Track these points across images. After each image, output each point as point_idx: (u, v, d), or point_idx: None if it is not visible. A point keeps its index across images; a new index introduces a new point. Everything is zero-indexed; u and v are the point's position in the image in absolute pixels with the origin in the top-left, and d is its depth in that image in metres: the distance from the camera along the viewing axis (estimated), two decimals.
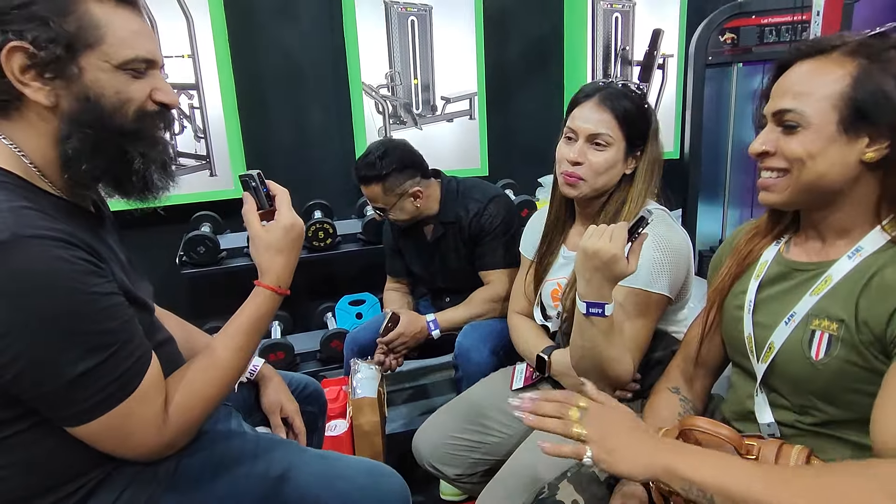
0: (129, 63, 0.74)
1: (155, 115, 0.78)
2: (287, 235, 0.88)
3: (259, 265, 0.89)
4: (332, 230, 2.17)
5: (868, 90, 0.71)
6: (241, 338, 0.85)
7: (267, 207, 0.91)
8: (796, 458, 0.70)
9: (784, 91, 0.77)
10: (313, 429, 1.28)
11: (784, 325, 0.80)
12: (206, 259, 2.06)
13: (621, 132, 1.12)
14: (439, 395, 2.25)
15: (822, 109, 0.73)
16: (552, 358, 1.21)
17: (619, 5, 2.68)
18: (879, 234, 0.75)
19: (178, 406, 0.78)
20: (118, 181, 0.78)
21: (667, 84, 2.82)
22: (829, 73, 0.74)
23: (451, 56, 2.51)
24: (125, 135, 0.75)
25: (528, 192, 2.61)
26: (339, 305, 2.42)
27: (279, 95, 2.45)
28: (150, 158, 0.78)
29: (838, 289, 0.76)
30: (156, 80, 0.78)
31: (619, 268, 0.89)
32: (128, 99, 0.74)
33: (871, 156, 0.73)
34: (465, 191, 1.68)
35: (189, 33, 2.17)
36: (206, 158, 2.28)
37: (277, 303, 0.89)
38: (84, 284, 0.68)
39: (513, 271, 1.53)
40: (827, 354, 0.74)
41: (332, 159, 2.57)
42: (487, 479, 1.16)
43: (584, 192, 1.15)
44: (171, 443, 0.79)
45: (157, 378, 0.77)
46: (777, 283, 0.85)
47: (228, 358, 0.84)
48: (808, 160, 0.74)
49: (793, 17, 2.25)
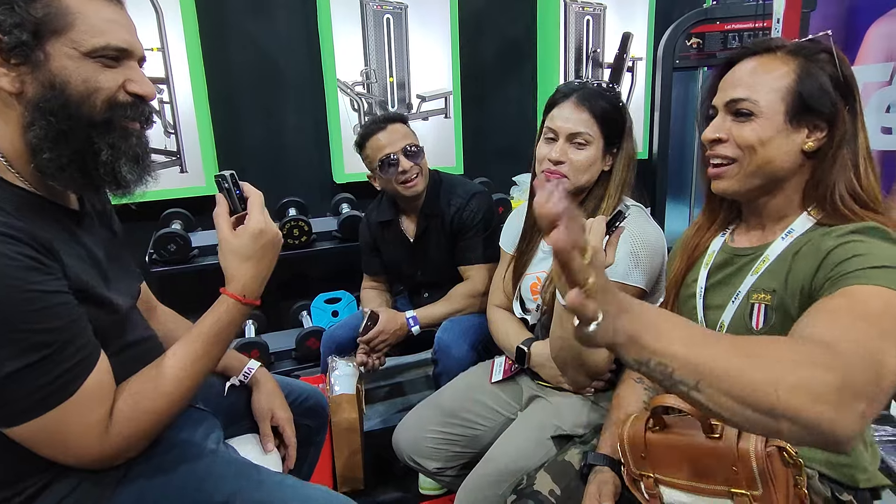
0: (98, 51, 0.71)
1: (128, 107, 0.75)
2: (256, 242, 0.84)
3: (225, 272, 0.85)
4: (308, 228, 2.15)
5: (811, 85, 0.79)
6: (198, 347, 0.81)
7: (240, 210, 0.87)
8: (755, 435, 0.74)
9: (735, 83, 0.83)
10: (310, 443, 1.22)
11: (731, 305, 0.87)
12: (177, 257, 2.02)
13: (599, 130, 1.16)
14: (416, 392, 2.25)
15: (773, 100, 0.80)
16: (532, 349, 1.23)
17: (591, 8, 2.75)
18: (807, 218, 0.83)
19: (122, 416, 0.74)
20: (85, 172, 0.75)
21: (636, 86, 2.91)
22: (776, 69, 0.81)
23: (426, 55, 2.52)
24: (94, 125, 0.73)
25: (502, 190, 2.64)
26: (315, 303, 2.40)
27: (253, 91, 2.42)
28: (121, 151, 0.75)
29: (773, 266, 0.83)
30: (131, 70, 0.75)
31: (598, 260, 0.92)
32: (96, 88, 0.72)
33: (811, 145, 0.80)
34: (448, 186, 1.69)
35: (159, 26, 2.12)
36: (176, 154, 2.23)
37: (243, 313, 0.85)
38: (22, 281, 0.65)
39: (492, 266, 1.55)
40: (765, 324, 0.81)
41: (307, 156, 2.55)
42: (467, 472, 1.18)
43: (567, 189, 1.18)
44: (115, 453, 0.75)
45: (103, 383, 0.73)
46: (723, 268, 0.92)
47: (182, 369, 0.79)
48: (758, 147, 0.81)
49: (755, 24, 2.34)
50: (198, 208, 2.27)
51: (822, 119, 0.80)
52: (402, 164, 1.56)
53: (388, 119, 1.58)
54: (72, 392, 0.69)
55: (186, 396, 0.81)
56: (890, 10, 1.91)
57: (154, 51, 2.14)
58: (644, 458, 0.83)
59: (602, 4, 2.76)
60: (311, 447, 1.24)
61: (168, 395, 0.78)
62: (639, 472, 0.84)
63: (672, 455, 0.80)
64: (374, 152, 1.58)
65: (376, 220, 1.76)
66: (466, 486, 1.13)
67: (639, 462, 0.84)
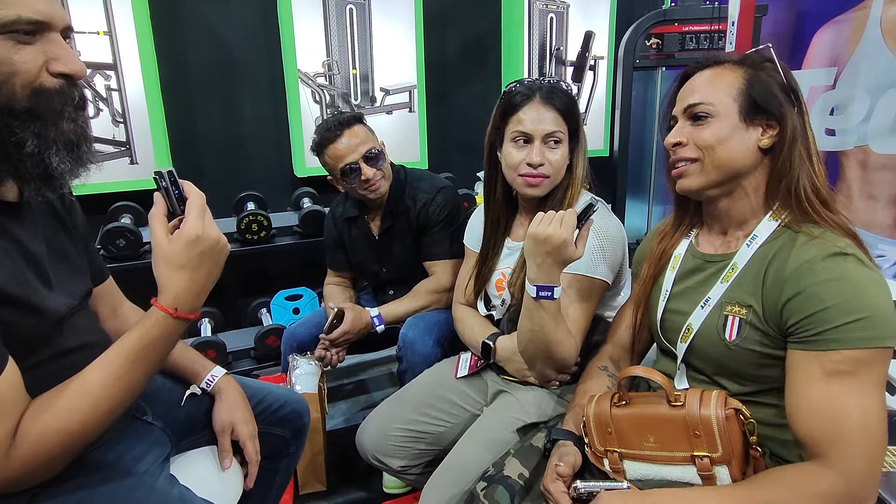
0: (7, 26, 0.62)
1: (54, 92, 0.66)
2: (191, 249, 0.74)
3: (157, 280, 0.75)
4: (267, 222, 2.09)
5: (758, 87, 0.87)
6: (120, 364, 0.72)
7: (179, 212, 0.77)
8: (715, 402, 0.80)
9: (691, 92, 0.91)
10: (282, 455, 1.13)
11: (700, 309, 0.91)
12: (126, 253, 1.92)
13: (567, 126, 1.16)
14: (380, 390, 2.22)
15: (726, 102, 0.87)
16: (497, 344, 1.23)
17: (554, 6, 2.77)
18: (770, 222, 0.87)
19: (29, 436, 0.66)
20: (12, 166, 0.67)
21: (598, 85, 2.95)
22: (726, 76, 0.89)
23: (390, 48, 2.48)
24: (14, 114, 0.64)
25: (466, 185, 2.64)
26: (275, 301, 2.34)
27: (208, 79, 2.32)
28: (49, 140, 0.67)
29: (744, 276, 0.87)
30: (52, 46, 0.66)
31: (569, 252, 0.93)
32: (12, 72, 0.63)
33: (766, 142, 0.87)
34: (414, 181, 1.67)
35: (105, 7, 2.00)
36: (125, 145, 2.12)
37: (176, 327, 0.75)
38: None
39: (457, 262, 1.54)
40: (738, 336, 0.85)
41: (267, 149, 2.48)
42: (431, 469, 1.16)
43: (547, 189, 1.18)
44: (16, 477, 0.66)
45: (6, 398, 0.64)
46: (693, 274, 0.96)
47: (102, 388, 0.70)
48: (717, 145, 0.87)
49: (710, 27, 2.42)
50: (149, 202, 2.15)
51: (773, 118, 0.86)
52: (364, 172, 1.53)
53: (343, 123, 1.53)
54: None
55: (105, 419, 0.72)
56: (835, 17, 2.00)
57: (101, 34, 2.02)
58: (610, 433, 0.86)
59: (565, 3, 2.79)
60: (284, 459, 1.14)
61: (82, 415, 0.69)
62: (604, 449, 0.87)
63: (637, 427, 0.84)
64: (335, 161, 1.54)
65: (342, 216, 1.72)
66: (432, 484, 1.12)
67: (604, 438, 0.87)
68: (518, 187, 1.20)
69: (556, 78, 1.20)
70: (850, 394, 0.74)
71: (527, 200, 1.25)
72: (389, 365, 2.36)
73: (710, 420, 0.78)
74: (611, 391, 0.91)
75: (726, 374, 0.89)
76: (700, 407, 0.79)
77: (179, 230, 0.75)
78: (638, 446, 0.85)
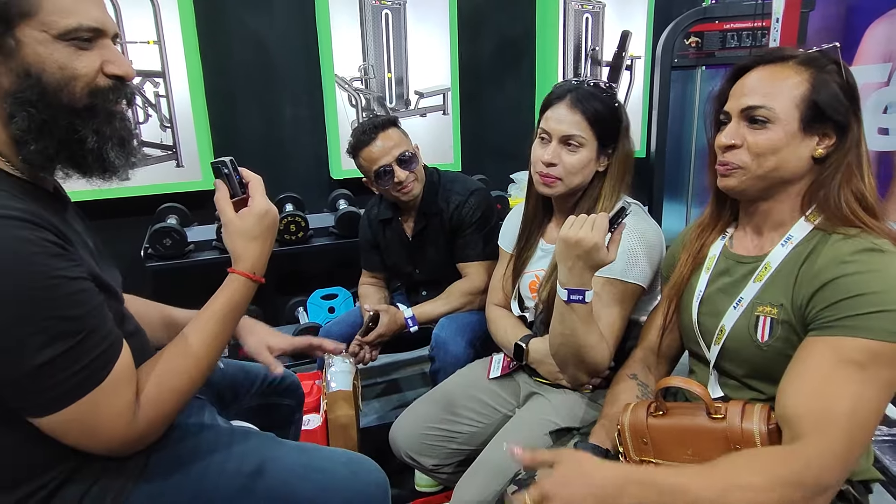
0: (70, 33, 0.68)
1: (109, 91, 0.73)
2: (261, 222, 0.86)
3: (233, 252, 0.86)
4: (304, 223, 2.15)
5: (824, 93, 0.82)
6: (214, 326, 0.82)
7: (240, 195, 0.88)
8: (758, 415, 0.77)
9: (751, 90, 0.85)
10: (290, 421, 1.25)
11: (732, 310, 0.88)
12: (172, 252, 2.00)
13: (593, 132, 1.14)
14: (412, 389, 2.25)
15: (788, 108, 0.82)
16: (530, 346, 1.23)
17: (590, 6, 2.75)
18: (805, 224, 0.85)
19: (148, 398, 0.75)
20: (74, 161, 0.74)
21: (634, 85, 2.91)
22: (789, 78, 0.83)
23: (424, 51, 2.51)
24: (76, 112, 0.71)
25: (499, 187, 2.64)
26: (311, 300, 2.40)
27: (250, 85, 2.40)
28: (106, 136, 0.73)
29: (777, 276, 0.84)
30: (106, 51, 0.72)
31: (600, 256, 0.92)
32: (74, 75, 0.69)
33: (821, 152, 0.83)
34: (447, 183, 1.68)
35: (155, 18, 2.10)
36: (172, 149, 2.22)
37: (252, 290, 0.87)
38: (48, 267, 0.65)
39: (491, 264, 1.55)
40: (770, 336, 0.83)
41: (304, 152, 2.54)
42: (463, 469, 1.17)
43: (560, 191, 1.18)
44: (141, 436, 0.75)
45: (128, 368, 0.74)
46: (725, 275, 0.93)
47: (201, 347, 0.81)
48: (770, 154, 0.83)
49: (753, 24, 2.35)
50: (194, 203, 2.25)
51: (832, 126, 0.82)
52: (397, 174, 1.56)
53: (378, 126, 1.56)
54: (101, 378, 0.70)
55: (205, 375, 0.82)
56: (889, 10, 1.91)
57: (150, 44, 2.12)
58: (646, 443, 0.85)
59: (601, 2, 2.76)
60: (292, 426, 1.26)
61: (190, 374, 0.79)
62: (640, 459, 0.86)
63: (674, 439, 0.82)
64: (369, 164, 1.58)
65: (377, 218, 1.76)
66: (463, 484, 1.13)
67: (640, 448, 0.85)
68: (535, 184, 1.21)
69: (606, 83, 1.18)
70: (851, 383, 0.71)
71: (560, 203, 1.25)
72: (422, 365, 2.38)
73: (752, 434, 0.76)
74: (647, 400, 0.89)
75: (759, 376, 0.87)
76: (742, 420, 0.77)
77: (249, 207, 0.86)
78: (675, 458, 0.82)
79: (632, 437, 0.86)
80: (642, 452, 0.85)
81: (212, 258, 2.07)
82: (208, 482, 0.83)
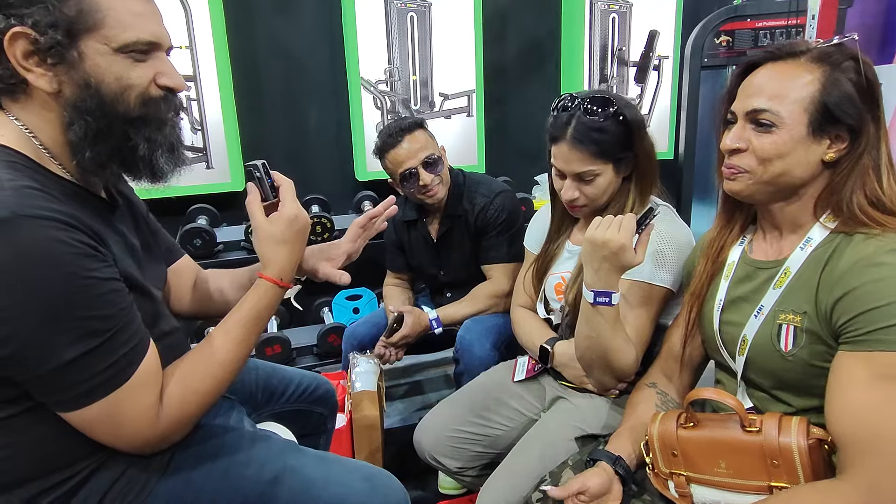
0: (129, 46, 0.72)
1: (160, 100, 0.76)
2: (291, 227, 0.86)
3: (261, 257, 0.87)
4: (330, 224, 2.17)
5: (837, 95, 0.76)
6: (240, 330, 0.83)
7: (271, 198, 0.89)
8: (797, 429, 0.74)
9: (757, 91, 0.80)
10: (322, 430, 1.25)
11: (754, 319, 0.84)
12: (202, 252, 2.05)
13: (603, 160, 1.11)
14: (436, 391, 2.25)
15: (795, 112, 0.78)
16: (555, 349, 1.22)
17: (616, 6, 2.71)
18: (825, 224, 0.81)
19: (173, 398, 0.76)
20: (126, 166, 0.77)
21: (662, 85, 2.86)
22: (799, 77, 0.78)
23: (449, 53, 2.51)
24: (130, 121, 0.74)
25: (524, 189, 2.63)
26: (336, 300, 2.42)
27: (277, 88, 2.44)
28: (157, 143, 0.77)
29: (798, 281, 0.80)
30: (160, 63, 0.76)
31: (628, 258, 0.91)
32: (129, 85, 0.73)
33: (832, 156, 0.79)
34: (472, 185, 1.68)
35: (187, 24, 2.15)
36: (202, 151, 2.27)
37: (279, 296, 0.87)
38: (80, 268, 0.66)
39: (516, 266, 1.54)
40: (795, 345, 0.79)
41: (330, 154, 2.57)
42: (488, 472, 1.17)
43: (589, 212, 1.17)
44: (164, 436, 0.77)
45: (154, 368, 0.75)
46: (745, 282, 0.90)
47: (228, 351, 0.81)
48: (777, 159, 0.79)
49: (787, 21, 2.29)
50: (223, 204, 2.30)
51: (845, 129, 0.78)
52: (422, 177, 1.57)
53: (405, 129, 1.57)
54: (128, 377, 0.71)
55: (230, 379, 0.83)
56: None
57: (182, 48, 2.17)
58: (675, 455, 0.82)
59: (628, 2, 2.72)
60: (323, 435, 1.26)
61: (215, 377, 0.80)
62: (669, 471, 0.83)
63: (707, 452, 0.79)
64: (395, 166, 1.59)
65: (402, 219, 1.76)
66: (488, 488, 1.12)
67: (669, 460, 0.83)
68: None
69: (600, 94, 1.10)
70: (893, 402, 0.67)
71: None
72: (445, 367, 2.38)
73: (790, 449, 0.73)
74: (676, 410, 0.87)
75: (786, 387, 0.83)
76: (779, 434, 0.74)
77: (279, 211, 0.87)
78: (708, 471, 0.80)
79: (661, 448, 0.83)
80: (672, 465, 0.83)
81: (240, 258, 2.11)
82: (228, 485, 0.83)
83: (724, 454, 0.78)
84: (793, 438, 0.73)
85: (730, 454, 0.77)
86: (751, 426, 0.76)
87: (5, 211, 0.62)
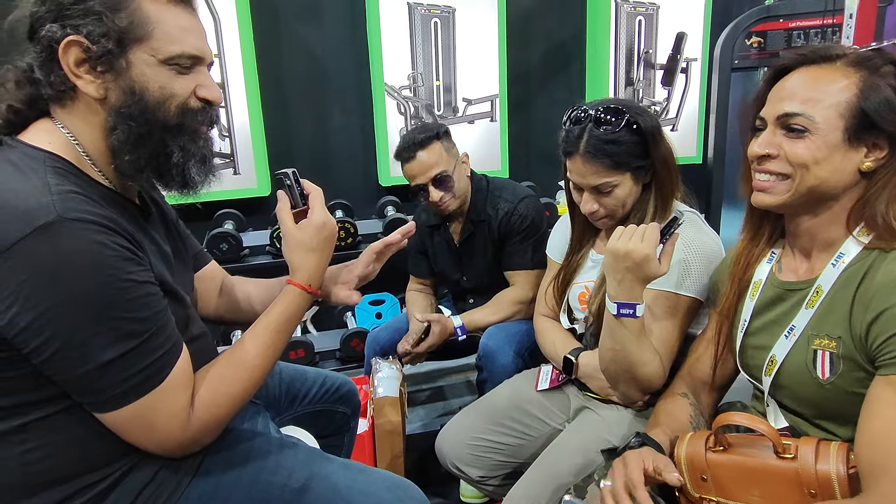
0: (174, 59, 0.75)
1: (197, 112, 0.78)
2: (319, 234, 0.88)
3: (290, 263, 0.89)
4: (354, 230, 2.18)
5: (876, 100, 0.73)
6: (269, 336, 0.84)
7: (301, 206, 0.90)
8: (836, 456, 0.70)
9: (789, 95, 0.76)
10: (345, 430, 1.26)
11: (784, 339, 0.80)
12: (228, 256, 2.08)
13: (620, 171, 1.09)
14: (457, 398, 2.24)
15: (830, 117, 0.74)
16: (580, 360, 1.20)
17: (643, 8, 2.67)
18: (856, 241, 0.77)
19: (203, 402, 0.78)
20: (160, 173, 0.80)
21: (690, 88, 2.80)
22: (835, 82, 0.74)
23: (473, 58, 2.51)
24: (168, 129, 0.76)
25: (548, 194, 2.60)
26: (359, 305, 2.43)
27: (302, 95, 2.47)
28: (190, 153, 0.79)
29: (831, 302, 0.76)
30: (201, 76, 0.78)
31: (652, 268, 0.88)
32: (171, 94, 0.75)
33: (869, 165, 0.74)
34: (496, 190, 1.67)
35: (216, 33, 2.20)
36: (230, 157, 2.31)
37: (307, 302, 0.89)
38: (120, 271, 0.69)
39: (539, 273, 1.52)
40: (832, 373, 0.75)
41: (354, 159, 2.59)
42: (510, 482, 1.15)
43: (613, 222, 1.15)
44: (195, 439, 0.78)
45: (186, 372, 0.77)
46: (774, 306, 0.86)
47: (256, 356, 0.83)
48: (812, 165, 0.75)
49: (822, 21, 2.21)
50: (249, 209, 2.34)
51: (884, 137, 0.74)
52: (431, 194, 1.58)
53: (418, 144, 1.57)
54: (161, 379, 0.73)
55: (259, 383, 0.84)
56: None
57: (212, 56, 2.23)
58: (705, 480, 0.78)
59: (655, 4, 2.68)
60: (347, 434, 1.27)
61: (244, 381, 0.82)
62: (699, 496, 0.80)
63: (739, 477, 0.76)
64: (407, 179, 1.63)
65: (425, 224, 1.76)
66: (511, 497, 1.11)
67: (698, 485, 0.79)
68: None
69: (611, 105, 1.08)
70: None
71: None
72: (467, 373, 2.37)
73: (829, 478, 0.68)
74: (705, 431, 0.83)
75: (828, 416, 0.79)
76: (816, 461, 0.69)
77: (308, 218, 0.88)
78: (740, 498, 0.76)
79: (689, 471, 0.80)
80: (701, 489, 0.79)
81: (266, 262, 2.15)
82: (257, 492, 0.84)
83: (757, 481, 0.74)
84: (831, 465, 0.69)
85: (764, 482, 0.74)
86: (785, 452, 0.72)
87: (52, 215, 0.65)
